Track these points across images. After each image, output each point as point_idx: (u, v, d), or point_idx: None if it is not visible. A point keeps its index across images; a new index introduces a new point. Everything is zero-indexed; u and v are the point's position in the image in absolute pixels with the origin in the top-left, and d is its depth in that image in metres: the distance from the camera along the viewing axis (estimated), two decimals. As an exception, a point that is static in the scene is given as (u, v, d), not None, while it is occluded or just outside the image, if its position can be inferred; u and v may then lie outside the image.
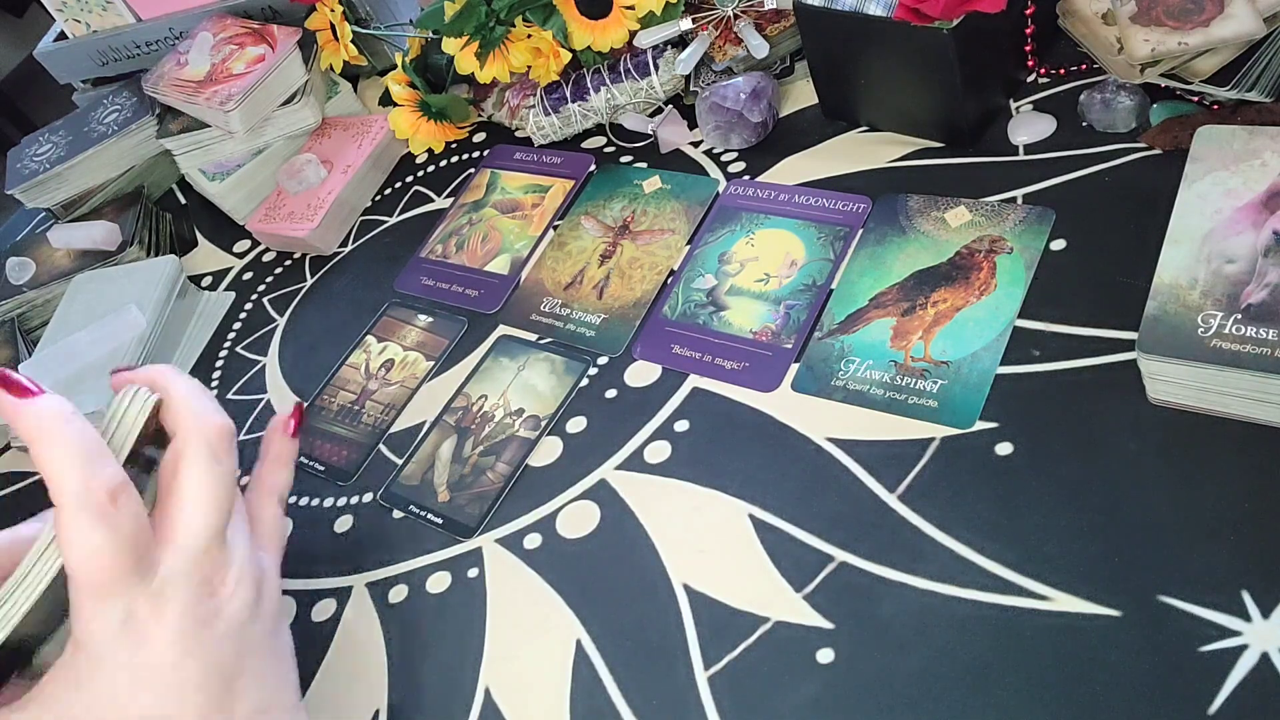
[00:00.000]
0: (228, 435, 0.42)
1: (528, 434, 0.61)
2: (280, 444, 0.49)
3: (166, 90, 0.88)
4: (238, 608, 0.41)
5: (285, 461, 0.49)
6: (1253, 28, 0.54)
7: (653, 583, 0.52)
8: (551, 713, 0.49)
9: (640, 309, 0.65)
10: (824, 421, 0.55)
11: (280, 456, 0.49)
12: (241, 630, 0.41)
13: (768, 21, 0.74)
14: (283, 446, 0.49)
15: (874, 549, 0.49)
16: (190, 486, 0.40)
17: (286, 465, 0.49)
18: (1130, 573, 0.44)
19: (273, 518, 0.47)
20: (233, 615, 0.41)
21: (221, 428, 0.42)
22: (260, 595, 0.43)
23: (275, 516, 0.47)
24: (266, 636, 0.43)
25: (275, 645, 0.43)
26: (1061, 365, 0.52)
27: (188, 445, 0.41)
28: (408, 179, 0.86)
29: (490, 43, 0.77)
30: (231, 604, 0.41)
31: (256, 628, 0.42)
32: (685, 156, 0.74)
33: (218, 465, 0.41)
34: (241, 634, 0.41)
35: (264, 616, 0.43)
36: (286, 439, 0.50)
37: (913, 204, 0.62)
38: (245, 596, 0.42)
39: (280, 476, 0.49)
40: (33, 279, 0.88)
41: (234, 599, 0.41)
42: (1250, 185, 0.49)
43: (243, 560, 0.42)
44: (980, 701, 0.42)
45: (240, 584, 0.42)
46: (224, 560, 0.41)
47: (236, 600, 0.41)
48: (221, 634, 0.40)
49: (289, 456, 0.50)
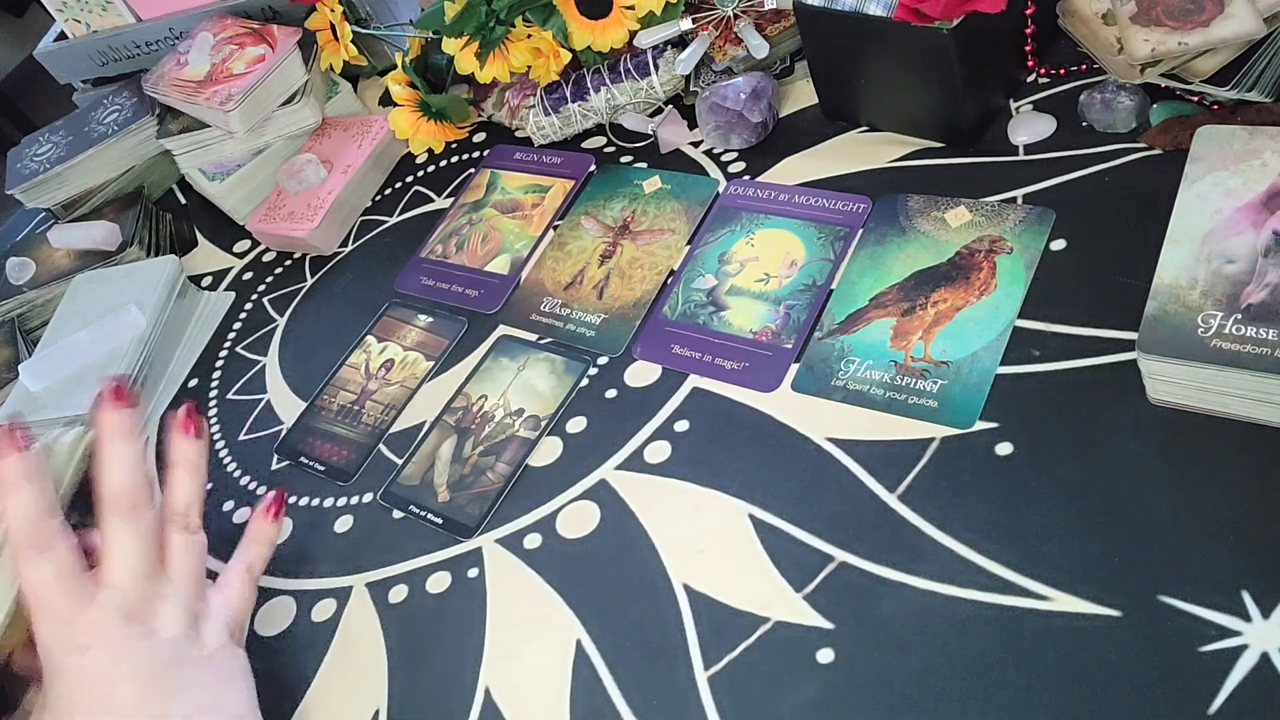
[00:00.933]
0: (136, 499, 0.50)
1: (528, 434, 0.61)
2: (258, 526, 0.56)
3: (166, 90, 0.88)
4: (170, 635, 0.49)
5: (263, 541, 0.56)
6: (1253, 28, 0.54)
7: (653, 583, 0.52)
8: (551, 713, 0.49)
9: (640, 309, 0.65)
10: (824, 421, 0.55)
11: (258, 537, 0.56)
12: (174, 646, 0.49)
13: (768, 21, 0.74)
14: (260, 529, 0.56)
15: (874, 549, 0.49)
16: (113, 540, 0.50)
17: (265, 545, 0.56)
18: (1130, 573, 0.44)
19: (239, 584, 0.54)
20: (165, 634, 0.49)
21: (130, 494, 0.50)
22: (198, 630, 0.50)
23: (243, 584, 0.55)
24: (210, 660, 0.50)
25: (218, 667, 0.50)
26: (1061, 365, 0.52)
27: (105, 510, 0.50)
28: (408, 179, 0.86)
29: (490, 43, 0.77)
30: (165, 629, 0.49)
31: (192, 649, 0.49)
32: (685, 156, 0.74)
33: (129, 525, 0.50)
34: (175, 649, 0.49)
35: (203, 644, 0.50)
36: (266, 522, 0.56)
37: (913, 204, 0.62)
38: (178, 626, 0.49)
39: (254, 553, 0.56)
40: (33, 279, 0.88)
41: (168, 626, 0.49)
42: (1250, 185, 0.49)
43: (178, 600, 0.50)
44: (980, 701, 0.42)
45: (174, 618, 0.50)
46: (155, 597, 0.50)
47: (169, 630, 0.49)
48: (152, 647, 0.48)
49: (265, 537, 0.56)
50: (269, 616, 0.60)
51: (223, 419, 0.73)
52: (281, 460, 0.68)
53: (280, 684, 0.56)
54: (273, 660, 0.57)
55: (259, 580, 0.56)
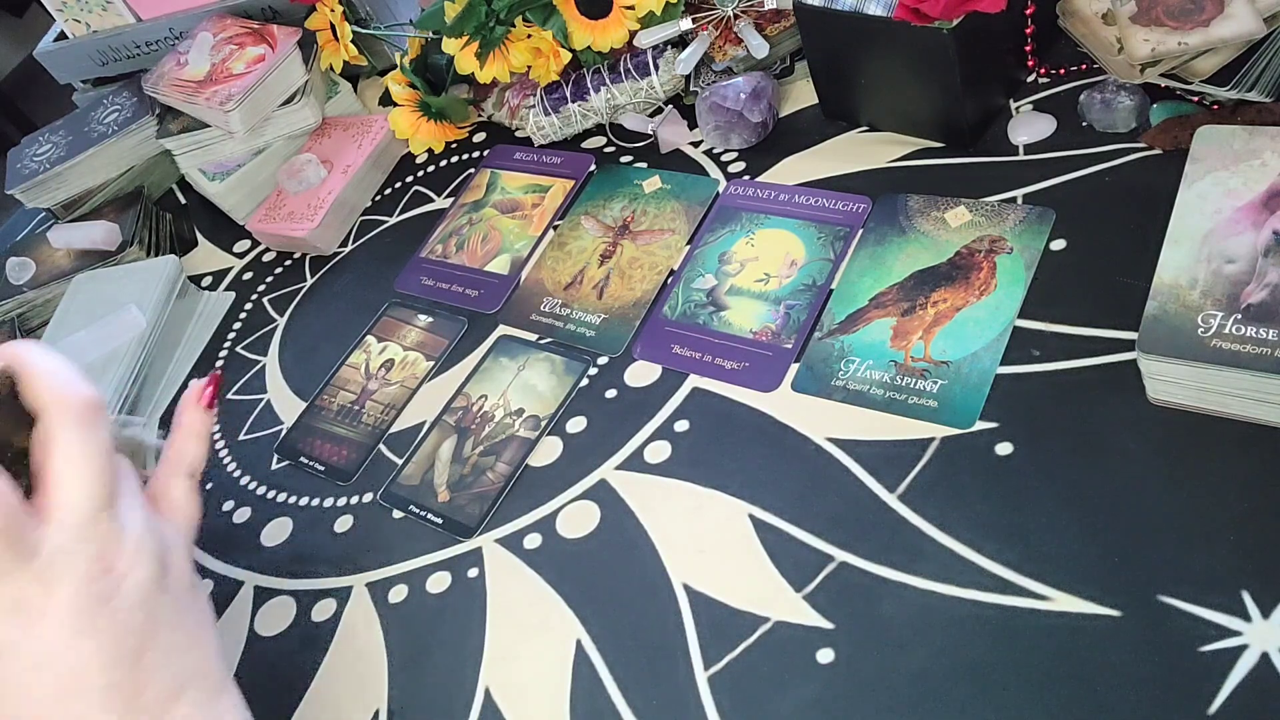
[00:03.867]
0: (96, 405, 0.39)
1: (528, 434, 0.61)
2: (192, 415, 0.46)
3: (166, 90, 0.88)
4: (138, 582, 0.39)
5: (198, 435, 0.46)
6: (1253, 28, 0.54)
7: (653, 583, 0.52)
8: (551, 713, 0.49)
9: (640, 309, 0.65)
10: (824, 421, 0.55)
11: (192, 428, 0.46)
12: (145, 606, 0.39)
13: (768, 21, 0.74)
14: (194, 418, 0.46)
15: (874, 549, 0.49)
16: (63, 461, 0.38)
17: (200, 439, 0.46)
18: (1130, 573, 0.44)
19: (182, 492, 0.45)
20: (132, 590, 0.39)
21: (88, 398, 0.39)
22: (165, 569, 0.40)
23: (185, 490, 0.45)
24: (177, 612, 0.40)
25: (188, 621, 0.41)
26: (1061, 365, 0.52)
27: (55, 420, 0.38)
28: (408, 179, 0.86)
29: (490, 43, 0.77)
30: (130, 579, 0.39)
31: (164, 602, 0.40)
32: (685, 156, 0.74)
33: (89, 435, 0.38)
34: (145, 610, 0.39)
35: (171, 591, 0.40)
36: (200, 410, 0.46)
37: (913, 204, 0.62)
38: (146, 571, 0.39)
39: (191, 449, 0.46)
40: (33, 279, 0.88)
41: (132, 574, 0.39)
42: (1250, 185, 0.49)
43: (139, 534, 0.40)
44: (980, 701, 0.42)
45: (140, 556, 0.39)
46: (116, 534, 0.39)
47: (136, 574, 0.39)
48: (121, 611, 0.38)
49: (201, 430, 0.46)
50: (269, 616, 0.60)
51: (223, 419, 0.73)
52: (281, 460, 0.68)
53: (280, 684, 0.56)
54: (273, 660, 0.57)
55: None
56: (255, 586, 0.62)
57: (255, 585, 0.62)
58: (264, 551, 0.63)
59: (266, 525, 0.65)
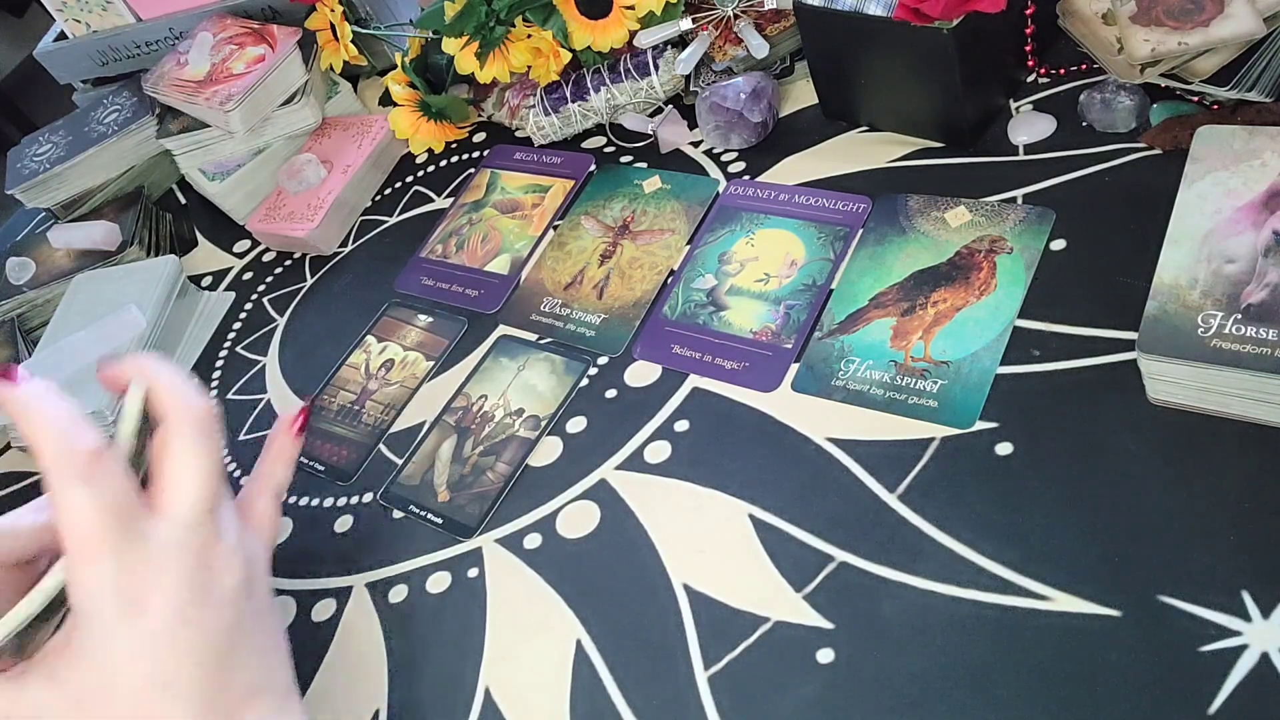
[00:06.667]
0: (211, 416, 0.43)
1: (528, 434, 0.61)
2: (283, 441, 0.50)
3: (166, 90, 0.88)
4: (232, 584, 0.42)
5: (287, 459, 0.50)
6: (1253, 28, 0.54)
7: (653, 583, 0.52)
8: (551, 713, 0.49)
9: (640, 309, 0.65)
10: (824, 421, 0.55)
11: (282, 453, 0.50)
12: (235, 607, 0.42)
13: (768, 21, 0.74)
14: (285, 444, 0.50)
15: (874, 549, 0.49)
16: (180, 462, 0.41)
17: (287, 463, 0.50)
18: (1130, 573, 0.44)
19: (267, 510, 0.48)
20: (227, 591, 0.42)
21: (206, 409, 0.43)
22: (251, 578, 0.43)
23: (270, 509, 0.48)
24: (259, 619, 0.43)
25: (268, 628, 0.44)
26: (1061, 365, 0.52)
27: (176, 425, 0.42)
28: (408, 179, 0.86)
29: (490, 43, 0.77)
30: (226, 579, 0.42)
31: (249, 608, 0.43)
32: (685, 156, 0.74)
33: (205, 442, 0.42)
34: (236, 610, 0.42)
35: (255, 598, 0.43)
36: (290, 437, 0.50)
37: (913, 204, 0.62)
38: (238, 575, 0.42)
39: (279, 472, 0.49)
40: (33, 279, 0.88)
41: (227, 575, 0.42)
42: (1250, 185, 0.49)
43: (233, 541, 0.43)
44: (980, 701, 0.42)
45: (233, 562, 0.42)
46: (216, 536, 0.42)
47: (230, 577, 0.42)
48: (217, 608, 0.41)
49: (290, 455, 0.50)
50: (269, 616, 0.60)
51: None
52: (281, 460, 0.68)
53: (280, 684, 0.56)
54: (273, 660, 0.57)
55: None
56: (255, 586, 0.62)
57: (255, 585, 0.62)
58: (264, 551, 0.63)
59: (266, 525, 0.64)
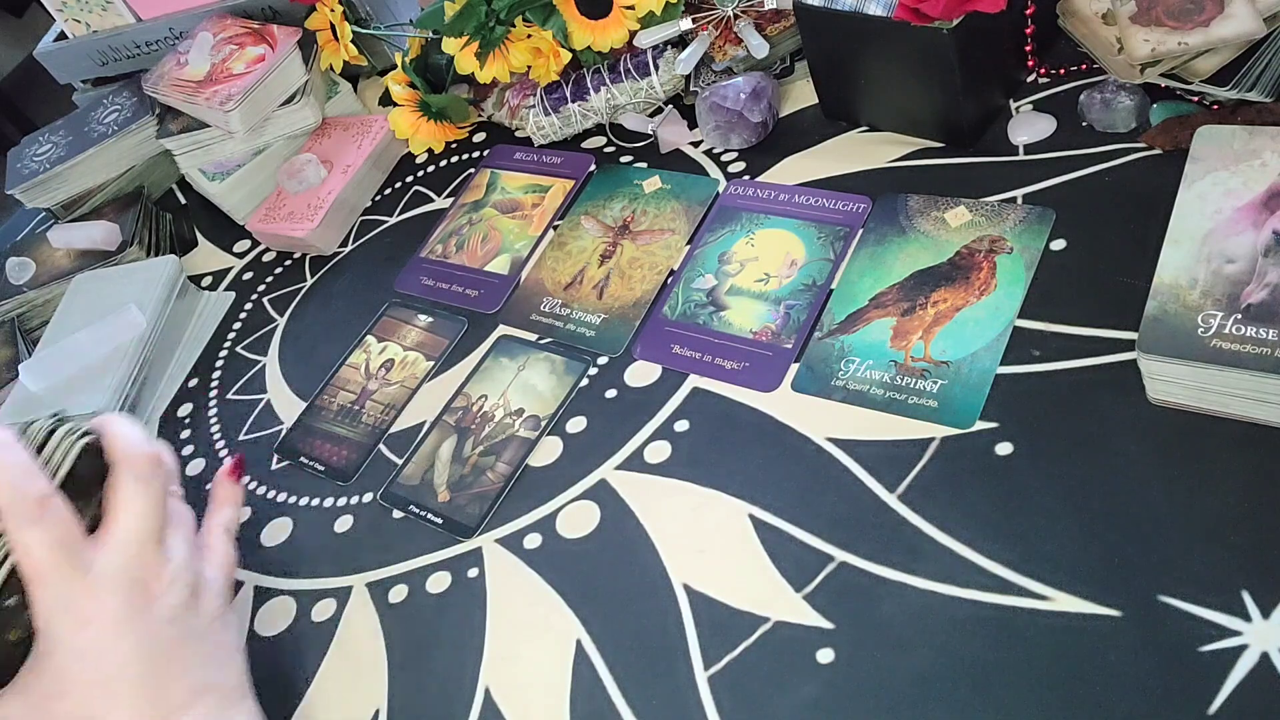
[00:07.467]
0: (153, 460, 0.50)
1: (528, 434, 0.61)
2: (223, 489, 0.58)
3: (166, 90, 0.88)
4: (172, 602, 0.48)
5: (231, 501, 0.57)
6: (1253, 28, 0.54)
7: (653, 583, 0.52)
8: (551, 713, 0.49)
9: (640, 309, 0.65)
10: (824, 421, 0.55)
11: (225, 499, 0.57)
12: (176, 620, 0.48)
13: (768, 21, 0.74)
14: (226, 491, 0.58)
15: (874, 549, 0.49)
16: (121, 502, 0.48)
17: (233, 504, 0.57)
18: (1130, 573, 0.44)
19: (218, 544, 0.55)
20: (167, 606, 0.48)
21: (147, 455, 0.50)
22: (197, 598, 0.50)
23: (221, 543, 0.55)
24: (206, 631, 0.50)
25: (211, 641, 0.50)
26: (1061, 365, 0.52)
27: (119, 470, 0.49)
28: (408, 179, 0.86)
29: (490, 43, 0.77)
30: (166, 598, 0.48)
31: (193, 621, 0.49)
32: (685, 156, 0.74)
33: (142, 484, 0.49)
34: (177, 623, 0.48)
35: (201, 615, 0.50)
36: (229, 484, 0.58)
37: (913, 204, 0.62)
38: (180, 594, 0.49)
39: (226, 512, 0.57)
40: (33, 279, 0.88)
41: (168, 595, 0.48)
42: (1250, 185, 0.49)
43: (179, 565, 0.50)
44: (980, 701, 0.42)
45: (175, 584, 0.49)
46: (159, 562, 0.49)
47: (171, 596, 0.48)
48: (156, 620, 0.47)
49: (233, 498, 0.58)
50: (269, 616, 0.60)
51: (223, 419, 0.73)
52: (281, 460, 0.68)
53: (280, 684, 0.56)
54: (273, 660, 0.57)
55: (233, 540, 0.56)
56: (255, 586, 0.62)
57: (255, 585, 0.62)
58: (264, 551, 0.63)
59: (266, 525, 0.65)
